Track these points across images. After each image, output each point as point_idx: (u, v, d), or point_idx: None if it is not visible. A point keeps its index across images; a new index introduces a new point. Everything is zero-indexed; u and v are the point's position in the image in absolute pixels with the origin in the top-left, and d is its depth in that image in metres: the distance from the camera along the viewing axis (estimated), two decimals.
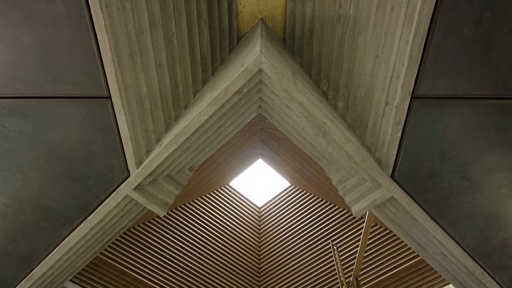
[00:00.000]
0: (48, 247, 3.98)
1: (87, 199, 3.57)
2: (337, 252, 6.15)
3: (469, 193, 3.42)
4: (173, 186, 3.68)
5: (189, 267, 7.37)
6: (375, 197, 3.46)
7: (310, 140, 3.22)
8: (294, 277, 7.77)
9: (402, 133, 3.05)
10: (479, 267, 4.02)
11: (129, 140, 3.06)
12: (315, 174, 7.22)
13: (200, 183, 7.38)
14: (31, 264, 4.13)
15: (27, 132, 3.09)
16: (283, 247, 8.15)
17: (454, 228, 3.72)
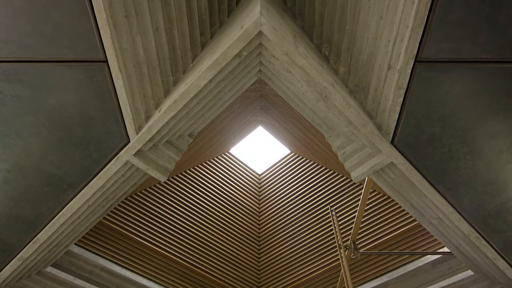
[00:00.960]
0: (51, 212, 4.06)
1: (88, 165, 3.59)
2: (336, 217, 6.27)
3: (468, 158, 3.44)
4: (173, 152, 3.69)
5: (191, 232, 7.57)
6: (375, 163, 3.48)
7: (311, 105, 3.19)
8: (293, 242, 7.99)
9: (404, 98, 3.01)
10: (474, 231, 4.12)
11: (128, 106, 3.03)
12: (315, 141, 7.23)
13: (201, 150, 7.42)
14: (36, 228, 4.23)
15: (24, 97, 3.05)
16: (282, 212, 8.32)
17: (452, 193, 3.77)
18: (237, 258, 8.11)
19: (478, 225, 4.07)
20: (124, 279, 6.42)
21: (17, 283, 5.23)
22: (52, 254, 4.95)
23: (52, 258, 5.11)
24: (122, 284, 6.40)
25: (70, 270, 5.84)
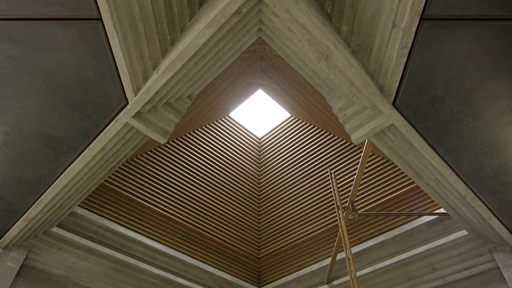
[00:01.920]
0: (53, 174, 4.10)
1: (87, 127, 3.58)
2: (335, 179, 6.36)
3: (469, 120, 3.41)
4: (172, 114, 3.66)
5: (192, 194, 7.70)
6: (375, 125, 3.46)
7: (312, 66, 3.12)
8: (292, 203, 8.16)
9: (408, 58, 2.94)
10: (471, 192, 4.18)
11: (125, 66, 2.96)
12: (315, 104, 7.18)
13: (200, 114, 7.38)
14: (39, 189, 4.29)
15: (18, 57, 2.97)
16: (282, 175, 8.43)
17: (451, 155, 3.79)
18: (237, 219, 8.32)
19: (475, 186, 4.12)
20: (128, 239, 6.62)
21: (24, 243, 5.40)
22: (56, 215, 5.07)
23: (57, 219, 5.23)
24: (127, 244, 6.61)
25: (75, 230, 6.01)
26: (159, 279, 6.73)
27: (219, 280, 7.73)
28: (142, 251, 6.76)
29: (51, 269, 5.72)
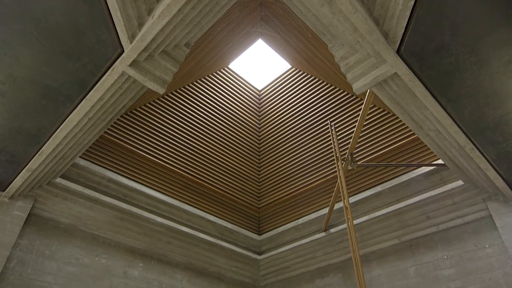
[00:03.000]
0: (53, 125, 4.09)
1: (84, 76, 3.50)
2: (335, 131, 6.36)
3: (475, 69, 3.33)
4: (170, 63, 3.57)
5: (193, 145, 7.76)
6: (378, 74, 3.38)
7: (315, 10, 2.97)
8: (292, 155, 8.25)
9: (415, 2, 2.79)
10: (470, 142, 4.19)
11: (118, 11, 2.82)
12: (316, 54, 6.98)
13: (199, 64, 7.21)
14: (40, 140, 4.30)
15: (7, 3, 2.83)
16: (282, 127, 8.43)
17: (453, 106, 3.74)
18: (238, 170, 8.46)
19: (475, 137, 4.13)
20: (131, 189, 6.77)
21: (30, 193, 5.53)
22: (59, 166, 5.14)
23: (60, 169, 5.31)
24: (130, 194, 6.77)
25: (79, 181, 6.12)
26: (162, 227, 6.99)
27: (220, 228, 8.03)
28: (145, 201, 6.95)
29: (58, 218, 5.92)
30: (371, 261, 6.72)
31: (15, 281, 5.07)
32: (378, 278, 6.46)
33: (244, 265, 8.35)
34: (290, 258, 8.08)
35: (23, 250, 5.32)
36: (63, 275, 5.57)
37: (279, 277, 8.27)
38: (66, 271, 5.63)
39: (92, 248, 6.10)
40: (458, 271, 5.51)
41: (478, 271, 5.31)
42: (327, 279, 7.31)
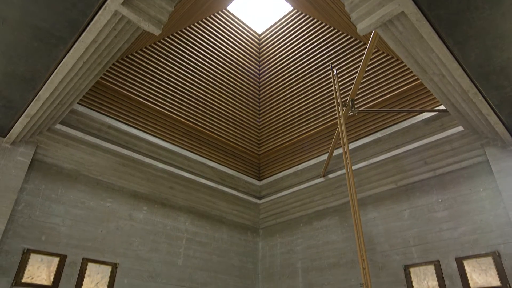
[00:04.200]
0: (47, 69, 3.98)
1: (75, 16, 3.33)
2: (337, 76, 6.23)
3: (486, 8, 3.16)
4: (165, 2, 3.38)
5: (192, 92, 7.65)
6: (384, 13, 3.22)
7: None
8: (293, 102, 8.17)
9: None
10: (474, 87, 4.11)
11: None
12: None
13: (196, 5, 6.85)
14: (35, 85, 4.22)
15: None
16: (283, 73, 8.24)
17: (460, 48, 3.61)
18: (238, 117, 8.44)
19: (479, 81, 4.04)
20: (131, 136, 6.80)
21: (31, 139, 5.56)
22: (58, 112, 5.10)
23: (59, 115, 5.28)
24: (131, 141, 6.81)
25: (79, 127, 6.12)
26: (164, 173, 7.13)
27: (221, 174, 8.20)
28: (147, 147, 7.01)
29: (61, 163, 6.01)
30: (367, 204, 6.94)
31: (25, 222, 5.27)
32: (374, 220, 6.72)
33: (244, 209, 8.66)
34: (289, 202, 8.35)
35: (30, 194, 5.47)
36: (71, 217, 5.78)
37: (279, 220, 8.61)
38: (73, 213, 5.84)
39: (96, 192, 6.28)
40: (451, 213, 5.71)
41: (470, 213, 5.51)
42: (325, 221, 7.62)
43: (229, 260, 7.95)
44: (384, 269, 6.21)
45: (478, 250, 5.23)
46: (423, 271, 5.69)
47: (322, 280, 7.11)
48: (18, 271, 4.97)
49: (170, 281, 6.68)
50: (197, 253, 7.38)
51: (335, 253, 7.12)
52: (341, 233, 7.20)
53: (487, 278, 5.02)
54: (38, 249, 5.26)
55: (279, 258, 8.21)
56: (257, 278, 8.37)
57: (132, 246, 6.39)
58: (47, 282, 5.18)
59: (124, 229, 6.40)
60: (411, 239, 6.03)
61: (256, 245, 8.77)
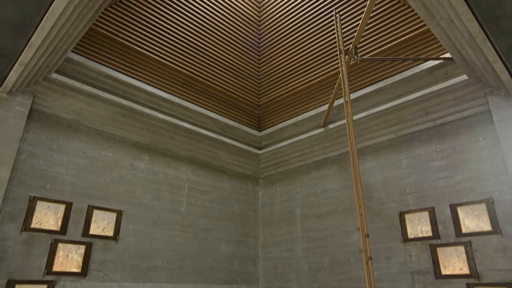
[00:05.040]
0: (37, 13, 3.81)
1: None
2: (340, 23, 5.99)
3: None
4: None
5: (190, 41, 7.40)
6: None
7: None
8: (294, 51, 7.93)
9: None
10: (483, 32, 3.96)
11: None
12: None
13: None
14: (27, 31, 4.07)
15: None
16: (284, 21, 7.91)
17: None
18: (237, 67, 8.25)
19: (488, 26, 3.88)
20: (130, 86, 6.69)
21: (27, 88, 5.47)
22: (52, 60, 4.97)
23: (54, 64, 5.16)
24: (129, 91, 6.71)
25: (75, 77, 6.00)
26: (165, 124, 7.12)
27: (221, 124, 8.20)
28: (146, 97, 6.93)
29: (60, 114, 5.98)
30: (366, 154, 7.02)
31: (29, 172, 5.36)
32: (372, 169, 6.84)
33: (245, 159, 8.77)
34: (289, 153, 8.44)
35: (31, 144, 5.50)
36: (74, 167, 5.87)
37: (278, 169, 8.76)
38: (76, 163, 5.92)
39: (97, 142, 6.31)
40: (448, 162, 5.79)
41: (467, 162, 5.58)
42: (324, 171, 7.75)
43: (230, 208, 8.21)
44: (380, 215, 6.43)
45: (472, 197, 5.38)
46: (418, 217, 5.90)
47: (319, 226, 7.39)
48: (26, 217, 5.14)
49: (173, 227, 6.95)
50: (199, 201, 7.60)
51: (333, 201, 7.33)
52: (339, 182, 7.36)
53: (479, 224, 5.21)
54: (44, 196, 5.40)
55: (278, 206, 8.48)
56: (257, 225, 8.71)
57: (136, 194, 6.56)
58: (55, 228, 5.39)
59: (127, 178, 6.53)
60: (408, 187, 6.18)
61: (256, 193, 9.01)
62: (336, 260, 6.87)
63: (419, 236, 5.81)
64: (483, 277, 4.98)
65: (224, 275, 7.52)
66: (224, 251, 7.72)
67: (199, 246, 7.28)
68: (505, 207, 5.01)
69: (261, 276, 8.22)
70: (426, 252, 5.63)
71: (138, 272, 6.17)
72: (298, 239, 7.74)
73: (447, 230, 5.51)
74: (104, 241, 5.89)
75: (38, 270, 5.08)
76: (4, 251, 4.86)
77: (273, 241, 8.26)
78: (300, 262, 7.52)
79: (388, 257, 6.10)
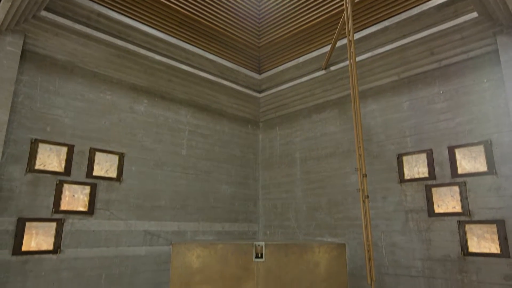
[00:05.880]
0: None
1: None
2: None
3: None
4: None
5: None
6: None
7: None
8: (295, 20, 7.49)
9: None
10: None
11: None
12: None
13: None
14: None
15: None
16: None
17: None
18: (236, 5, 7.84)
19: None
20: (124, 25, 6.39)
21: (17, 27, 5.24)
22: None
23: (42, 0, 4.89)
24: (124, 30, 6.44)
25: (66, 15, 5.72)
26: (162, 65, 6.94)
27: (220, 67, 8.00)
28: (141, 38, 6.67)
29: (54, 55, 5.80)
30: (367, 97, 6.94)
31: (27, 114, 5.33)
32: (372, 112, 6.81)
33: (244, 103, 8.70)
34: (289, 96, 8.34)
35: (27, 86, 5.40)
36: (72, 109, 5.83)
37: (278, 113, 8.73)
38: (74, 105, 5.87)
39: (94, 85, 6.20)
40: (450, 105, 5.74)
41: (469, 104, 5.53)
42: (324, 114, 7.73)
43: (230, 151, 8.32)
44: (378, 157, 6.53)
45: (471, 139, 5.41)
46: (415, 159, 5.99)
47: (318, 168, 7.55)
48: (30, 159, 5.22)
49: (175, 169, 7.10)
50: (199, 144, 7.67)
51: (332, 143, 7.40)
52: (339, 125, 7.37)
53: (475, 165, 5.31)
54: (45, 139, 5.43)
55: (278, 149, 8.59)
56: (258, 167, 8.89)
57: (136, 137, 6.60)
58: (59, 169, 5.49)
59: (127, 121, 6.52)
60: (407, 130, 6.20)
61: (256, 137, 9.07)
62: (334, 200, 7.11)
63: (415, 177, 5.95)
64: (474, 215, 5.19)
65: (225, 214, 7.84)
66: (225, 192, 7.97)
67: (200, 187, 7.49)
68: (503, 149, 5.07)
69: (261, 215, 8.58)
70: (421, 192, 5.81)
71: (143, 211, 6.42)
72: (297, 181, 7.95)
73: (443, 171, 5.63)
74: (108, 182, 6.04)
75: (46, 209, 5.27)
76: (11, 191, 5.00)
77: (273, 183, 8.49)
78: (298, 202, 7.80)
79: (384, 197, 6.31)
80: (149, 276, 6.30)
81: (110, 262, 5.83)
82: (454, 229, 5.35)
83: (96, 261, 5.67)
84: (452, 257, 5.30)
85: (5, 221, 4.86)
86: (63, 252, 5.33)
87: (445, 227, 5.45)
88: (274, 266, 3.54)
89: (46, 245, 5.17)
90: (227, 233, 7.79)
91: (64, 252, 5.34)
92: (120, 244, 6.01)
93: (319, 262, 3.65)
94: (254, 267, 3.52)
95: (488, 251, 4.97)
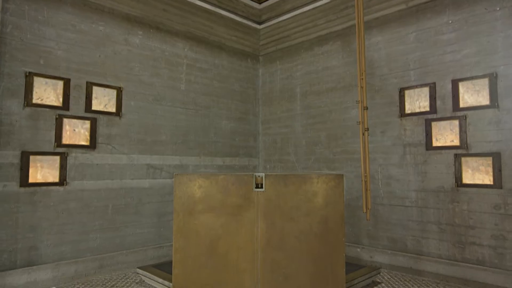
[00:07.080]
0: None
1: None
2: None
3: None
4: None
5: None
6: None
7: None
8: None
9: None
10: None
11: None
12: None
13: None
14: None
15: None
16: None
17: None
18: None
19: None
20: None
21: None
22: None
23: None
24: None
25: None
26: None
27: None
28: None
29: None
30: (372, 28, 6.62)
31: (18, 46, 5.12)
32: (377, 44, 6.55)
33: (244, 35, 8.35)
34: (290, 27, 7.97)
35: (14, 16, 5.11)
36: (65, 41, 5.60)
37: (279, 46, 8.42)
38: (67, 37, 5.62)
39: (86, 15, 5.87)
40: (458, 35, 5.50)
41: (478, 35, 5.29)
42: (326, 47, 7.45)
43: (230, 85, 8.17)
44: (380, 91, 6.43)
45: (476, 72, 5.28)
46: (417, 93, 5.91)
47: (319, 103, 7.49)
48: (26, 93, 5.14)
49: (175, 103, 7.03)
50: (198, 78, 7.51)
51: (334, 78, 7.25)
52: (341, 58, 7.15)
53: (478, 98, 5.24)
54: (40, 72, 5.29)
55: (278, 84, 8.43)
56: (258, 102, 8.82)
57: (133, 71, 6.43)
58: (57, 104, 5.43)
59: (122, 54, 6.30)
60: (412, 63, 6.02)
61: (256, 71, 8.86)
62: (333, 135, 7.17)
63: (416, 111, 5.91)
64: (471, 148, 5.26)
65: (226, 149, 7.96)
66: (226, 127, 8.00)
67: (201, 122, 7.50)
68: (508, 81, 4.96)
69: (261, 150, 8.72)
70: (421, 126, 5.82)
71: (144, 145, 6.49)
72: (297, 116, 7.93)
73: (445, 105, 5.58)
74: (108, 117, 6.02)
75: (48, 143, 5.33)
76: (12, 125, 5.00)
77: (273, 118, 8.49)
78: (298, 137, 7.87)
79: (383, 131, 6.34)
80: (154, 207, 6.58)
81: (115, 194, 6.05)
82: (450, 162, 5.45)
83: (102, 192, 5.88)
84: (446, 188, 5.49)
85: (9, 155, 4.94)
86: (69, 184, 5.50)
87: (441, 160, 5.56)
88: (273, 195, 3.66)
89: (52, 178, 5.31)
90: (228, 167, 7.98)
91: (70, 184, 5.51)
92: (124, 177, 6.18)
93: (317, 192, 3.76)
94: (254, 196, 3.65)
95: (481, 182, 5.12)
